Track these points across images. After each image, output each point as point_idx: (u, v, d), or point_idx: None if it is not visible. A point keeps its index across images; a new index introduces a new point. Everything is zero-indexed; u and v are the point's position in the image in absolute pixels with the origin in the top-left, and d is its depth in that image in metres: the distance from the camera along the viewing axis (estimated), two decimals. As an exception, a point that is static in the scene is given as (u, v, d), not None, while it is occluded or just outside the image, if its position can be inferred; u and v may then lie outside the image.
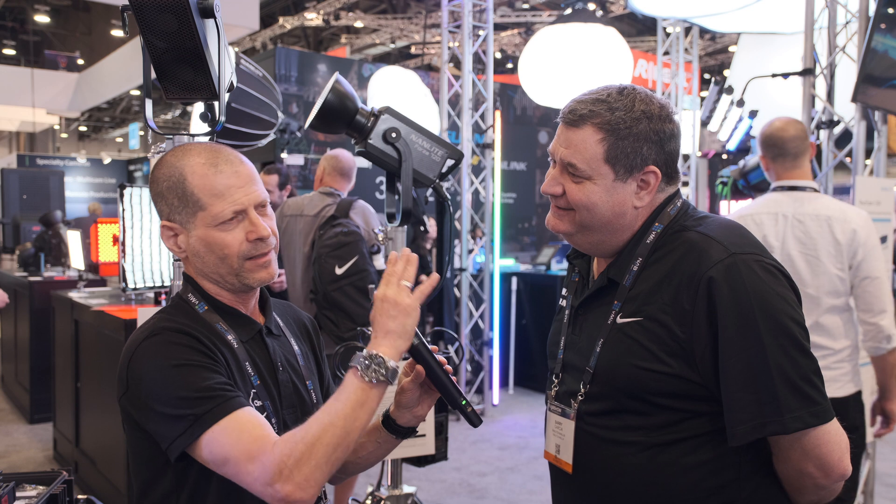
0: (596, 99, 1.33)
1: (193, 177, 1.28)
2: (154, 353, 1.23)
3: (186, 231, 1.30)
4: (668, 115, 1.33)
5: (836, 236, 2.51)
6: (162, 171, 1.32)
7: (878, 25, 3.51)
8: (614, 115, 1.30)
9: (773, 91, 5.08)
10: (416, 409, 1.38)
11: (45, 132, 21.71)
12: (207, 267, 1.32)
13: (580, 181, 1.33)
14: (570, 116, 1.34)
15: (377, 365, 1.16)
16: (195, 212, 1.28)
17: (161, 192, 1.31)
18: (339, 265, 3.31)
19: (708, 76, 16.97)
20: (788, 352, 1.20)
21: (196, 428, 1.17)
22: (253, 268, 1.31)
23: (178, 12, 1.44)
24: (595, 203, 1.32)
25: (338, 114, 1.82)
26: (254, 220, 1.30)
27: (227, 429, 1.16)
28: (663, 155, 1.33)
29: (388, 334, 1.20)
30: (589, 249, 1.42)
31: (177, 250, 1.33)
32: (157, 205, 1.34)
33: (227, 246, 1.29)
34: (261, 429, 1.17)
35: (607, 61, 4.97)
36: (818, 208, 2.56)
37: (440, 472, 4.61)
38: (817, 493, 1.27)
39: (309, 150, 7.84)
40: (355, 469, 1.53)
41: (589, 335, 1.38)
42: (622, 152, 1.30)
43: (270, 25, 15.48)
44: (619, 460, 1.31)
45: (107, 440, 3.95)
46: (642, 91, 1.34)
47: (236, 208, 1.28)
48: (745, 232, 1.32)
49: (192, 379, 1.19)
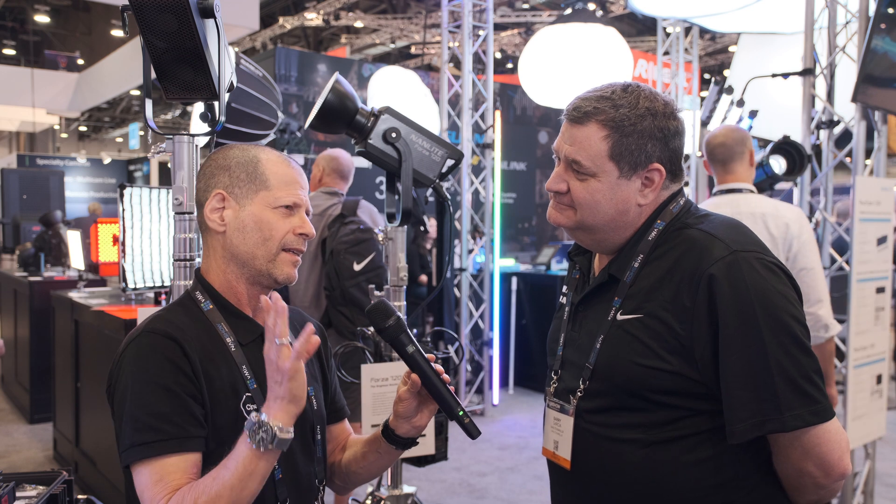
0: (600, 96, 1.33)
1: (269, 163, 1.36)
2: (136, 356, 1.25)
3: (239, 205, 1.33)
4: (672, 113, 1.33)
5: (770, 231, 2.63)
6: (231, 152, 1.37)
7: (878, 25, 3.50)
8: (619, 112, 1.30)
9: (773, 91, 5.07)
10: (415, 420, 1.38)
11: (45, 132, 21.72)
12: (245, 245, 1.33)
13: (584, 179, 1.33)
14: (574, 114, 1.34)
15: (264, 432, 1.13)
16: (258, 189, 1.34)
17: (228, 165, 1.35)
18: (358, 261, 3.33)
19: (708, 76, 16.97)
20: (789, 350, 1.20)
21: (131, 453, 1.20)
22: (286, 260, 1.34)
23: (178, 12, 1.44)
24: (598, 201, 1.32)
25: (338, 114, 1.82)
26: (303, 217, 1.37)
27: (153, 469, 1.18)
28: (667, 152, 1.33)
29: (277, 399, 1.16)
30: (591, 245, 1.42)
31: (217, 223, 1.34)
32: (217, 176, 1.35)
33: (275, 228, 1.33)
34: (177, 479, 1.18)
35: (607, 61, 4.97)
36: (753, 207, 2.69)
37: (440, 472, 4.61)
38: (817, 492, 1.26)
39: (309, 150, 7.84)
40: (358, 480, 1.53)
41: (589, 332, 1.38)
42: (626, 149, 1.30)
43: (270, 25, 15.48)
44: (617, 458, 1.31)
45: (107, 440, 3.95)
46: (647, 88, 1.34)
47: (296, 200, 1.35)
48: (746, 230, 1.32)
49: (153, 400, 1.21)
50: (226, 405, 1.27)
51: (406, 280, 2.07)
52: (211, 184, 1.36)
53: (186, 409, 1.22)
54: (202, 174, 1.38)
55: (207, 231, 1.36)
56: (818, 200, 3.91)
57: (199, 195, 1.38)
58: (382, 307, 1.33)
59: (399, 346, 1.32)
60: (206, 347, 1.29)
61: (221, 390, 1.27)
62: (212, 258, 1.37)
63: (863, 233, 3.61)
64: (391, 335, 1.32)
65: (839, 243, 4.04)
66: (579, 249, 1.50)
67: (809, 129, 3.84)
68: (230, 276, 1.36)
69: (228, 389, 1.28)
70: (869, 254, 3.65)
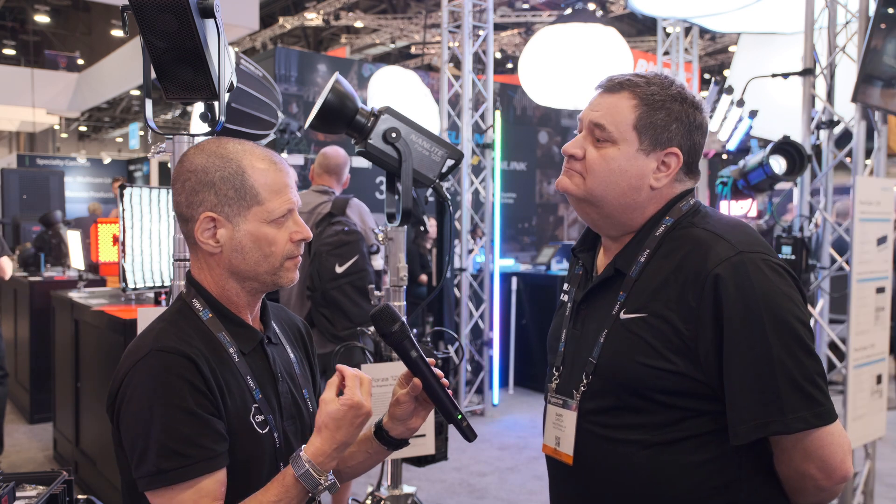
0: (634, 74, 1.37)
1: (255, 172, 1.27)
2: (146, 378, 1.19)
3: (233, 225, 1.26)
4: (700, 106, 1.37)
5: None
6: (209, 160, 1.26)
7: (878, 25, 3.50)
8: (650, 88, 1.34)
9: (773, 91, 5.07)
10: (410, 422, 1.37)
11: (45, 132, 21.71)
12: (246, 264, 1.28)
13: (603, 146, 1.34)
14: (608, 83, 1.37)
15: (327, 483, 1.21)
16: (250, 206, 1.26)
17: (211, 182, 1.25)
18: (340, 264, 3.31)
19: (708, 76, 16.96)
20: (793, 352, 1.20)
21: (155, 480, 1.16)
22: (289, 267, 1.31)
23: (178, 12, 1.44)
24: (612, 170, 1.33)
25: (338, 114, 1.82)
26: (299, 221, 1.31)
27: (184, 494, 1.17)
28: (689, 142, 1.35)
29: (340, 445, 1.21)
30: (595, 222, 1.41)
31: (211, 244, 1.27)
32: (201, 194, 1.25)
33: (275, 243, 1.28)
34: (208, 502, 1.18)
35: (607, 61, 4.97)
36: None
37: (440, 472, 4.61)
38: (818, 494, 1.26)
39: (309, 150, 7.84)
40: (344, 478, 1.52)
41: (591, 328, 1.37)
42: (652, 123, 1.32)
43: (270, 25, 15.48)
44: (619, 458, 1.30)
45: (107, 440, 3.94)
46: (679, 81, 1.38)
47: (290, 206, 1.29)
48: (752, 231, 1.32)
49: (174, 424, 1.17)
50: (237, 417, 1.25)
51: (406, 280, 2.06)
52: (195, 201, 1.26)
53: (210, 427, 1.19)
54: (181, 185, 1.27)
55: (200, 250, 1.30)
56: (818, 200, 3.91)
57: (183, 210, 1.28)
58: (388, 312, 1.32)
59: (402, 351, 1.32)
60: (213, 359, 1.25)
61: (233, 402, 1.25)
62: (207, 271, 1.31)
63: (863, 233, 3.61)
64: (395, 340, 1.32)
65: (839, 243, 4.04)
66: (584, 245, 1.50)
67: (809, 129, 3.84)
68: (229, 289, 1.31)
69: (239, 401, 1.26)
70: (869, 254, 3.65)
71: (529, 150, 10.30)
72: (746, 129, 4.25)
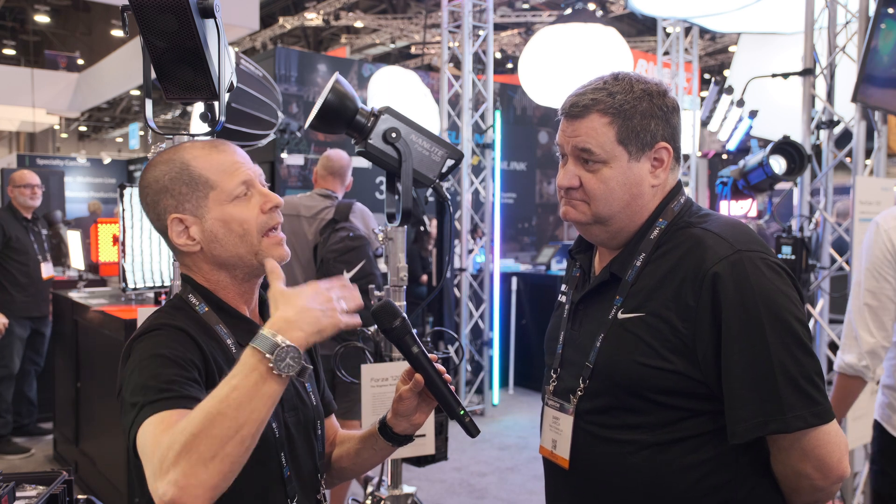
0: (594, 88, 1.34)
1: (197, 160, 1.28)
2: (148, 347, 1.19)
3: (199, 218, 1.28)
4: (664, 91, 1.36)
5: None
6: (158, 169, 1.30)
7: (878, 25, 3.50)
8: (615, 98, 1.32)
9: (773, 91, 5.07)
10: (414, 418, 1.38)
11: (45, 132, 21.71)
12: (226, 251, 1.28)
13: (596, 169, 1.33)
14: (573, 110, 1.35)
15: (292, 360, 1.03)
16: (207, 193, 1.27)
17: (164, 187, 1.28)
18: (347, 269, 3.31)
19: (708, 76, 16.96)
20: (792, 350, 1.20)
21: (140, 416, 1.08)
22: (270, 244, 1.30)
23: (178, 12, 1.44)
24: (613, 189, 1.32)
25: (338, 114, 1.82)
26: (263, 190, 1.31)
27: (159, 421, 1.05)
28: (670, 129, 1.35)
29: (301, 310, 1.07)
30: (605, 240, 1.40)
31: (190, 244, 1.29)
32: (162, 202, 1.28)
33: (245, 220, 1.28)
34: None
35: (607, 61, 4.97)
36: None
37: (440, 472, 4.61)
38: (814, 494, 1.26)
39: (309, 150, 7.84)
40: (347, 475, 1.53)
41: (589, 330, 1.37)
42: (632, 131, 1.31)
43: (270, 25, 15.48)
44: (617, 459, 1.30)
45: (107, 440, 3.95)
46: (634, 74, 1.37)
47: (244, 179, 1.29)
48: (749, 230, 1.32)
49: (164, 371, 1.13)
50: None
51: (406, 280, 2.06)
52: (160, 212, 1.29)
53: (191, 378, 1.15)
54: (145, 203, 1.32)
55: (183, 254, 1.32)
56: (818, 200, 3.91)
57: (155, 225, 1.32)
58: (389, 308, 1.33)
59: (404, 347, 1.33)
60: (210, 345, 1.26)
61: None
62: (197, 272, 1.33)
63: (863, 233, 3.60)
64: (397, 336, 1.32)
65: (839, 243, 4.04)
66: (581, 247, 1.50)
67: (809, 129, 3.84)
68: (221, 282, 1.32)
69: None
70: (869, 254, 3.64)
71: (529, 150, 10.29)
72: (746, 129, 4.25)
